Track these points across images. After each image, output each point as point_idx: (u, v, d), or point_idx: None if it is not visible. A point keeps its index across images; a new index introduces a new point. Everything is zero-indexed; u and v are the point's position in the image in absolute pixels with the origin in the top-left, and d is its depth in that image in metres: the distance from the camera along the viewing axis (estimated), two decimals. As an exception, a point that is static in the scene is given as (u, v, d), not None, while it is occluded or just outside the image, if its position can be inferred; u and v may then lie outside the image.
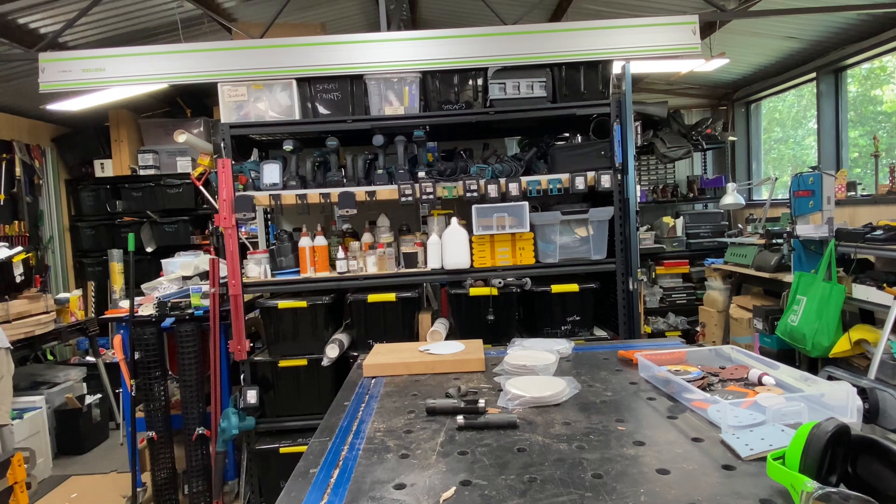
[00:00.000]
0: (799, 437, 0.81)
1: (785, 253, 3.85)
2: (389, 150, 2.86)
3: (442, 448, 1.07)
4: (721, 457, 0.96)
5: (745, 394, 1.22)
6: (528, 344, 1.84)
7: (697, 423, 1.12)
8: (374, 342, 2.54)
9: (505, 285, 2.69)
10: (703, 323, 5.08)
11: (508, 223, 2.73)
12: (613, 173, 2.77)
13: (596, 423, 1.15)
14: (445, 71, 2.83)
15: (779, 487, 0.83)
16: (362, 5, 5.14)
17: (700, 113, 6.40)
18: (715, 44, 4.42)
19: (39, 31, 4.06)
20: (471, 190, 2.70)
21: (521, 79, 2.80)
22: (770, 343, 3.76)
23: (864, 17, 4.07)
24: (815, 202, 3.41)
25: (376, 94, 2.82)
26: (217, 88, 2.78)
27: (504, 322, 2.75)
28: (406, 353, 1.80)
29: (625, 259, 2.81)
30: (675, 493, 0.85)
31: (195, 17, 4.48)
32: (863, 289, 3.10)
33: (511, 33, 2.85)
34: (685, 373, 1.35)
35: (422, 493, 0.90)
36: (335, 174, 2.83)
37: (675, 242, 5.57)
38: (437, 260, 2.77)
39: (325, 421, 1.29)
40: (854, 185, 4.33)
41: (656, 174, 6.35)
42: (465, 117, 2.79)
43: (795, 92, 5.61)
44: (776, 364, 1.35)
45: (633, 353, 1.59)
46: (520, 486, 0.89)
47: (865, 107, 4.80)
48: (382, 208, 2.98)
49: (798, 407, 1.07)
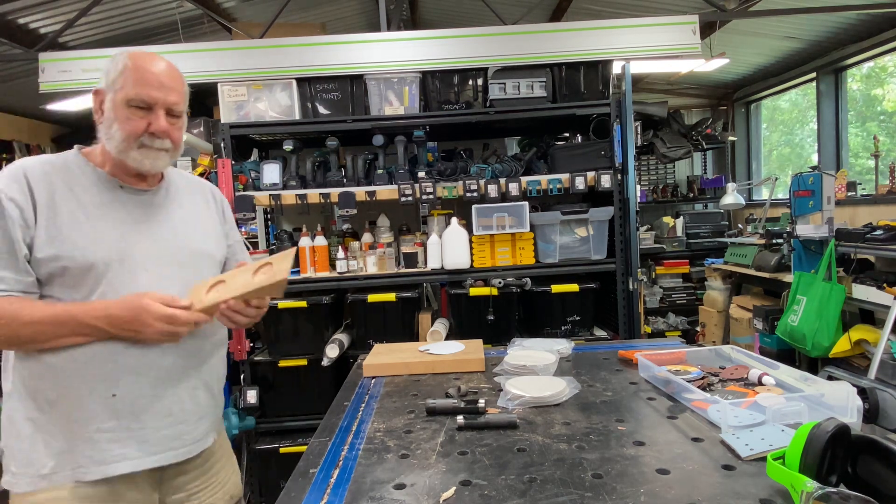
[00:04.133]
0: (799, 437, 0.81)
1: (785, 253, 3.85)
2: (389, 150, 2.86)
3: (442, 448, 1.07)
4: (721, 457, 0.96)
5: (745, 394, 1.22)
6: (528, 344, 1.84)
7: (697, 423, 1.12)
8: (374, 342, 2.53)
9: (505, 285, 2.69)
10: (703, 323, 5.08)
11: (508, 223, 2.73)
12: (613, 173, 2.77)
13: (596, 423, 1.15)
14: (445, 71, 2.83)
15: (779, 487, 0.83)
16: (362, 5, 5.15)
17: (700, 113, 6.41)
18: (715, 44, 4.42)
19: (39, 31, 4.06)
20: (471, 190, 2.70)
21: (521, 79, 2.80)
22: (770, 343, 3.76)
23: (864, 17, 4.07)
24: (815, 202, 3.41)
25: (376, 94, 2.82)
26: (217, 88, 2.78)
27: (504, 322, 2.75)
28: (406, 353, 1.80)
29: (625, 259, 2.81)
30: (675, 493, 0.85)
31: (195, 17, 4.48)
32: (863, 289, 3.10)
33: (511, 33, 2.85)
34: (685, 373, 1.35)
35: (422, 493, 0.90)
36: (335, 174, 2.83)
37: (675, 242, 5.57)
38: (437, 260, 2.77)
39: (325, 421, 1.29)
40: (854, 185, 4.33)
41: (656, 174, 6.35)
42: (465, 117, 2.79)
43: (800, 90, 5.60)
44: (776, 364, 1.35)
45: (633, 353, 1.59)
46: (520, 486, 0.89)
47: (870, 107, 4.80)
48: (382, 208, 2.98)
49: (798, 407, 1.07)
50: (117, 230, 1.23)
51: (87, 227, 1.20)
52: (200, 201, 1.47)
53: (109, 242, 1.21)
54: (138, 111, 1.21)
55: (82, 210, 1.21)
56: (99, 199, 1.24)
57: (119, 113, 1.21)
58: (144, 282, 1.23)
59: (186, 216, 1.39)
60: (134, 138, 1.21)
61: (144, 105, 1.21)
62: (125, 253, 1.22)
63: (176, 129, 1.28)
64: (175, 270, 1.30)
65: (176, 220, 1.35)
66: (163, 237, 1.31)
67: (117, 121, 1.21)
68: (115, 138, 1.21)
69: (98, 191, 1.24)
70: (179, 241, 1.34)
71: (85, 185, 1.24)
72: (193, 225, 1.39)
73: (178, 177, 1.45)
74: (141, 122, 1.21)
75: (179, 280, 1.29)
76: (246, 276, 1.24)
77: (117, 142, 1.21)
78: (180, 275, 1.31)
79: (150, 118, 1.22)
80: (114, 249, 1.21)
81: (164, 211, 1.34)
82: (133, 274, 1.23)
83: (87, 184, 1.24)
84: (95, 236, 1.20)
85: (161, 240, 1.30)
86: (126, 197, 1.28)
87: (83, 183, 1.24)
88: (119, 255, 1.22)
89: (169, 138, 1.26)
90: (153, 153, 1.24)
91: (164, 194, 1.36)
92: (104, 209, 1.23)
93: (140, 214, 1.28)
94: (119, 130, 1.21)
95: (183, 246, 1.34)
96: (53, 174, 1.22)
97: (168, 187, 1.38)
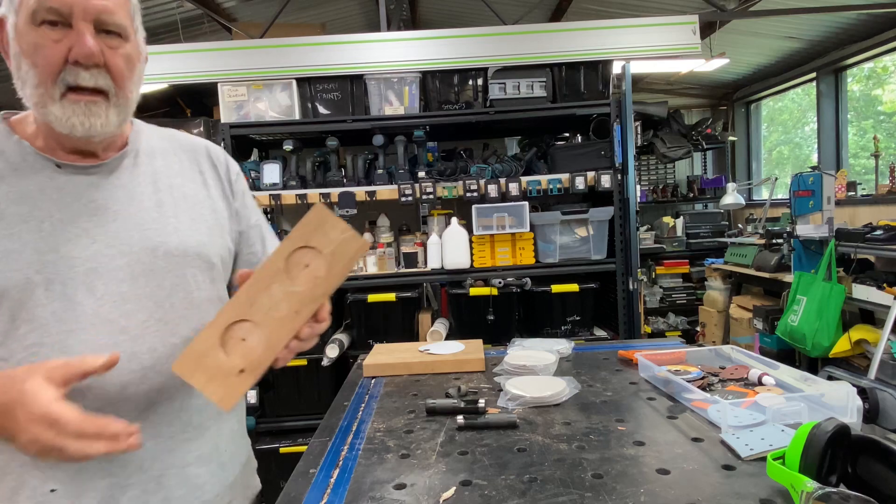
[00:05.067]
0: (799, 437, 0.81)
1: (785, 253, 3.85)
2: (389, 150, 2.86)
3: (442, 448, 1.07)
4: (721, 457, 0.96)
5: (745, 394, 1.22)
6: (528, 344, 1.83)
7: (697, 423, 1.12)
8: (374, 342, 2.53)
9: (505, 285, 2.69)
10: (703, 323, 5.08)
11: (508, 223, 2.73)
12: (613, 173, 2.77)
13: (596, 423, 1.15)
14: (445, 71, 2.83)
15: (779, 487, 0.83)
16: (362, 5, 5.14)
17: (700, 113, 6.41)
18: (715, 44, 4.42)
19: (39, 31, 4.06)
20: (471, 190, 2.70)
21: (521, 79, 2.80)
22: (770, 343, 3.76)
23: (864, 17, 4.07)
24: (815, 202, 3.41)
25: (376, 94, 2.82)
26: (217, 88, 2.78)
27: (504, 322, 2.75)
28: (406, 353, 1.79)
29: (625, 259, 2.81)
30: (675, 493, 0.85)
31: (195, 17, 4.48)
32: (863, 289, 3.10)
33: (511, 33, 2.85)
34: (685, 373, 1.35)
35: (422, 492, 0.90)
36: (335, 174, 2.83)
37: (675, 242, 5.57)
38: (437, 260, 2.77)
39: (325, 421, 1.29)
40: (854, 185, 4.33)
41: (656, 174, 6.35)
42: (465, 117, 2.79)
43: (802, 90, 5.59)
44: (776, 364, 1.35)
45: (633, 353, 1.59)
46: (520, 486, 0.89)
47: (870, 107, 4.80)
48: (382, 208, 2.98)
49: (798, 407, 1.07)
50: (42, 234, 0.81)
51: (14, 228, 0.81)
52: (189, 169, 1.01)
53: (26, 255, 0.80)
54: (50, 31, 0.78)
55: (3, 204, 0.81)
56: (18, 188, 0.82)
57: (25, 40, 0.78)
58: (90, 309, 0.82)
59: (163, 197, 0.94)
60: (50, 77, 0.79)
61: (58, 18, 0.77)
62: (55, 267, 0.81)
63: (118, 55, 0.82)
64: (142, 286, 0.87)
65: (145, 204, 0.91)
66: (120, 235, 0.87)
67: (23, 54, 0.79)
68: (28, 83, 0.80)
69: (18, 176, 0.83)
70: (149, 236, 0.89)
71: (4, 170, 0.83)
72: (174, 209, 0.94)
73: (153, 137, 0.99)
74: (56, 47, 0.78)
75: (151, 301, 0.87)
76: (282, 287, 0.76)
77: (31, 89, 0.80)
78: (152, 293, 0.87)
79: (70, 39, 0.78)
80: (34, 264, 0.80)
81: (124, 194, 0.89)
82: (69, 300, 0.81)
83: (3, 167, 0.83)
84: (5, 248, 0.79)
85: (117, 240, 0.86)
86: (65, 181, 0.85)
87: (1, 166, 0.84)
88: (44, 273, 0.80)
89: (106, 69, 0.81)
90: (83, 103, 0.81)
91: (125, 169, 0.91)
92: (25, 204, 0.82)
93: (86, 205, 0.85)
94: (30, 69, 0.79)
95: (155, 244, 0.89)
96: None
97: (135, 156, 0.94)
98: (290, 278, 0.75)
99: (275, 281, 0.75)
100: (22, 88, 0.81)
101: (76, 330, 0.81)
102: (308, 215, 0.77)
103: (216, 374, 0.72)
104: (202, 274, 0.95)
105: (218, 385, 0.72)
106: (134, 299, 0.85)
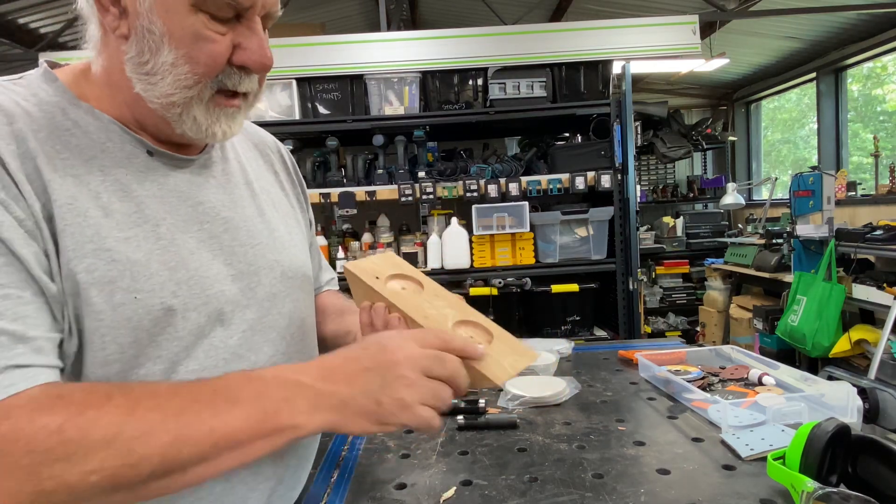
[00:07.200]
0: (799, 437, 0.81)
1: (785, 253, 3.85)
2: (389, 150, 2.86)
3: (442, 448, 1.07)
4: (721, 457, 0.96)
5: (745, 394, 1.22)
6: (527, 344, 1.83)
7: (697, 423, 1.12)
8: (374, 342, 2.53)
9: (505, 285, 2.69)
10: (703, 323, 5.08)
11: (508, 223, 2.73)
12: (613, 173, 2.77)
13: (596, 423, 1.15)
14: (445, 71, 2.83)
15: (779, 487, 0.83)
16: (362, 5, 5.14)
17: (700, 113, 6.41)
18: (715, 44, 4.42)
19: (39, 31, 4.06)
20: (471, 190, 2.70)
21: (521, 79, 2.80)
22: (770, 343, 3.76)
23: (864, 17, 4.07)
24: (815, 202, 3.41)
25: (376, 94, 2.82)
26: (217, 88, 2.77)
27: (504, 322, 2.73)
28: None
29: (625, 259, 2.81)
30: (676, 493, 0.85)
31: (195, 17, 4.47)
32: (863, 289, 3.10)
33: (511, 33, 2.85)
34: (685, 373, 1.35)
35: (422, 492, 0.90)
36: (335, 174, 2.83)
37: (675, 242, 5.57)
38: (437, 260, 2.77)
39: (326, 421, 1.29)
40: (854, 185, 4.33)
41: (656, 174, 6.35)
42: (465, 117, 2.79)
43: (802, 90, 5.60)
44: (776, 364, 1.35)
45: (633, 353, 1.59)
46: (520, 486, 0.89)
47: (870, 107, 4.80)
48: (382, 208, 2.98)
49: (798, 407, 1.07)
50: (162, 244, 0.63)
51: (129, 232, 0.61)
52: (265, 169, 0.83)
53: (155, 271, 0.61)
54: (210, 20, 0.59)
55: (105, 197, 0.61)
56: (114, 177, 0.62)
57: (180, 24, 0.58)
58: (220, 342, 0.66)
59: (262, 204, 0.77)
60: (209, 78, 0.62)
61: (234, 12, 0.61)
62: (189, 290, 0.64)
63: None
64: (265, 313, 0.72)
65: (247, 211, 0.74)
66: (235, 251, 0.70)
67: (173, 40, 0.59)
68: (168, 77, 0.60)
69: (111, 161, 0.62)
70: (263, 253, 0.73)
71: (92, 151, 0.62)
72: (276, 219, 0.78)
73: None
74: (223, 42, 0.61)
75: (275, 332, 0.73)
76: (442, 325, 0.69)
77: (172, 87, 0.60)
78: (274, 322, 0.73)
79: (237, 34, 0.62)
80: (167, 284, 0.62)
81: (225, 197, 0.72)
82: (201, 332, 0.65)
83: (88, 145, 0.62)
84: (127, 258, 0.60)
85: (234, 256, 0.70)
86: (163, 173, 0.66)
87: (84, 145, 0.61)
88: (180, 296, 0.63)
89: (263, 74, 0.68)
90: (231, 109, 0.65)
91: (216, 163, 0.74)
92: (128, 200, 0.63)
93: (194, 208, 0.68)
94: (182, 62, 0.59)
95: (270, 263, 0.74)
96: (28, 133, 0.58)
97: (221, 148, 0.76)
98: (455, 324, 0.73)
99: (436, 319, 0.72)
100: (146, 77, 0.60)
101: (209, 368, 0.65)
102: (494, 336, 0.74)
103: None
104: (308, 298, 0.82)
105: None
106: (260, 330, 0.70)
